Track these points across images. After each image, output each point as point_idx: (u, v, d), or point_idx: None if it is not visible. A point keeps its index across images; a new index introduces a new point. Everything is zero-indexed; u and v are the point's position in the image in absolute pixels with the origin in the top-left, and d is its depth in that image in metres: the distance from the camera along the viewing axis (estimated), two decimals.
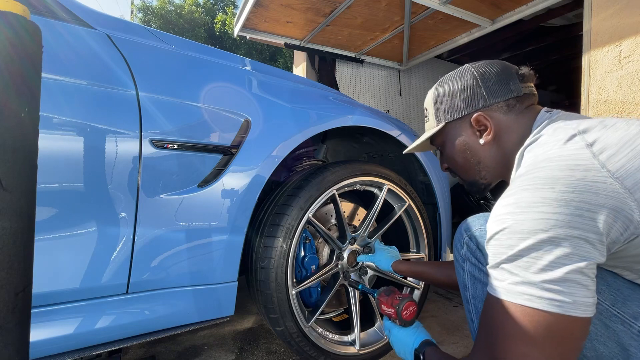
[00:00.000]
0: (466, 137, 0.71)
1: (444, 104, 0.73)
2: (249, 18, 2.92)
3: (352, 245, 1.20)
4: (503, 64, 0.70)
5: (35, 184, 0.44)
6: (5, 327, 0.39)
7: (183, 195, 0.85)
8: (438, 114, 0.74)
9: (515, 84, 0.67)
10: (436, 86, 0.76)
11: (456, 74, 0.73)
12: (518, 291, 0.46)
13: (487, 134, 0.67)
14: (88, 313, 0.75)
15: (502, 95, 0.66)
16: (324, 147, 1.45)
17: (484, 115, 0.67)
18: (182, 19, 13.12)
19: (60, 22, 0.77)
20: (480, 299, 0.68)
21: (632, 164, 0.45)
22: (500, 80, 0.67)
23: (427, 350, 0.72)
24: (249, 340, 1.37)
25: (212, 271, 0.90)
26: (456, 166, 0.76)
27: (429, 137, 0.77)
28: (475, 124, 0.68)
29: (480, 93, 0.67)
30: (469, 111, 0.69)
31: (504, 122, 0.66)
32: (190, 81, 0.91)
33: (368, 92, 3.81)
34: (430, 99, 0.77)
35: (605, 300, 0.53)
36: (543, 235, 0.45)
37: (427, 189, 1.47)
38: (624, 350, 0.50)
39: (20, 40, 0.42)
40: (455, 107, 0.71)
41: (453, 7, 2.59)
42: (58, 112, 0.70)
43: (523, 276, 0.46)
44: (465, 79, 0.70)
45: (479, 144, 0.69)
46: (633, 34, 1.56)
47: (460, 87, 0.70)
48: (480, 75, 0.68)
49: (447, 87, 0.73)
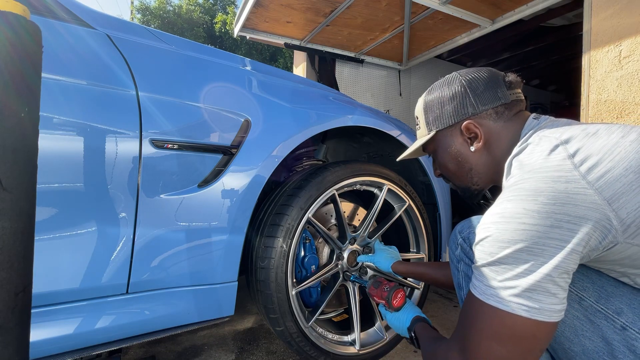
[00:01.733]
0: (457, 145, 0.72)
1: (434, 113, 0.74)
2: (249, 18, 2.92)
3: (352, 245, 1.20)
4: (490, 70, 0.71)
5: (35, 184, 0.44)
6: (5, 327, 0.39)
7: (183, 195, 0.85)
8: (429, 122, 0.75)
9: (503, 92, 0.68)
10: (426, 94, 0.78)
11: (444, 81, 0.74)
12: (491, 293, 0.51)
13: (478, 142, 0.69)
14: (88, 313, 0.75)
15: (490, 103, 0.67)
16: (324, 147, 1.45)
17: (474, 123, 0.68)
18: (181, 19, 13.12)
19: (60, 22, 0.77)
20: None
21: (612, 174, 0.46)
22: (488, 87, 0.68)
23: (417, 328, 0.81)
24: (249, 340, 1.37)
25: (212, 271, 0.90)
26: (448, 173, 0.77)
27: (420, 145, 0.78)
28: (466, 132, 0.69)
29: (469, 101, 0.69)
30: (459, 119, 0.70)
31: (493, 129, 0.68)
32: (190, 81, 0.91)
33: (368, 92, 3.81)
34: (421, 107, 0.78)
35: (589, 297, 0.56)
36: (521, 245, 0.48)
37: (427, 189, 1.47)
38: (608, 344, 0.52)
39: (20, 40, 0.42)
40: (445, 116, 0.72)
41: (453, 7, 2.59)
42: (58, 112, 0.70)
43: (497, 280, 0.50)
44: (453, 87, 0.71)
45: (470, 151, 0.70)
46: (633, 34, 1.56)
47: (449, 95, 0.71)
48: (468, 83, 0.69)
49: (437, 95, 0.74)
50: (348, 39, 3.33)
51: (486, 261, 0.52)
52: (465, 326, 0.55)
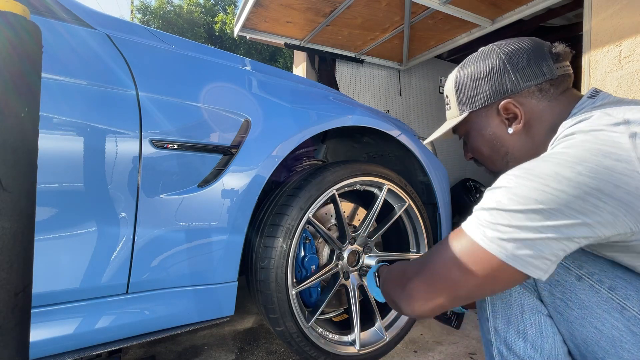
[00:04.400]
0: (493, 127, 0.64)
1: (467, 92, 0.66)
2: (249, 18, 2.92)
3: (352, 245, 1.20)
4: (533, 40, 0.62)
5: (35, 184, 0.44)
6: (5, 327, 0.39)
7: (183, 195, 0.85)
8: (461, 102, 0.67)
9: (549, 65, 0.59)
10: (457, 70, 0.69)
11: (480, 55, 0.66)
12: (479, 229, 0.49)
13: (517, 123, 0.61)
14: (88, 313, 0.75)
15: (534, 79, 0.59)
16: (324, 147, 1.45)
17: (513, 103, 0.60)
18: (181, 19, 13.12)
19: (60, 22, 0.77)
20: (498, 297, 0.65)
21: None
22: (531, 61, 0.60)
23: (379, 268, 0.83)
24: (249, 340, 1.37)
25: (212, 271, 0.90)
26: (482, 157, 0.70)
27: (450, 128, 0.71)
28: (504, 112, 0.62)
29: (509, 78, 0.60)
30: (496, 98, 0.62)
31: (535, 110, 0.60)
32: (190, 81, 0.91)
33: (368, 92, 3.81)
34: (452, 86, 0.70)
35: (633, 307, 0.51)
36: (533, 206, 0.45)
37: (427, 189, 1.47)
38: None
39: (20, 40, 0.41)
40: (480, 95, 0.64)
41: (453, 7, 2.59)
42: (58, 112, 0.70)
43: (491, 222, 0.48)
44: (490, 62, 0.62)
45: (507, 133, 0.63)
46: (633, 34, 1.56)
47: (485, 71, 0.63)
48: (508, 56, 0.61)
49: (470, 72, 0.65)
50: (348, 39, 3.33)
51: (490, 206, 0.49)
52: (433, 250, 0.56)
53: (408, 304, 0.57)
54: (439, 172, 1.45)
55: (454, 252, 0.51)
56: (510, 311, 0.63)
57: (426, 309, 0.55)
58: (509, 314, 0.63)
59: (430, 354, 1.28)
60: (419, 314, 0.57)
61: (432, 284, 0.54)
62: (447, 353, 1.28)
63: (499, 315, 0.65)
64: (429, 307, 0.55)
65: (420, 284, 0.56)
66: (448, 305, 0.53)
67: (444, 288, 0.52)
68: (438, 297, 0.53)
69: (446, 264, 0.52)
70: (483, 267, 0.48)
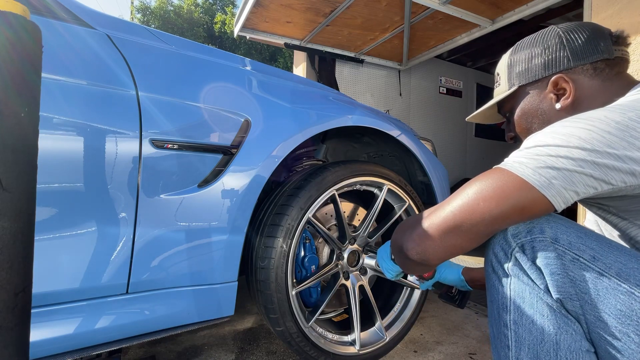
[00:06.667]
0: (540, 101, 0.63)
1: (520, 66, 0.65)
2: (248, 18, 2.92)
3: (352, 245, 1.20)
4: (594, 25, 0.61)
5: (35, 184, 0.44)
6: (5, 327, 0.39)
7: (183, 195, 0.85)
8: (511, 77, 0.67)
9: (607, 45, 0.58)
10: (513, 49, 0.69)
11: (538, 35, 0.65)
12: (515, 161, 0.48)
13: (566, 99, 0.59)
14: (88, 313, 0.75)
15: (590, 56, 0.58)
16: (324, 147, 1.45)
17: (565, 78, 0.59)
18: (181, 19, 13.12)
19: (60, 22, 0.77)
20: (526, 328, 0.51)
21: None
22: (589, 39, 0.58)
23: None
24: (249, 340, 1.37)
25: (212, 271, 0.90)
26: (526, 134, 0.68)
27: (497, 101, 0.70)
28: (553, 87, 0.61)
29: (564, 53, 0.59)
30: (548, 73, 0.61)
31: (587, 87, 0.58)
32: (190, 81, 0.91)
33: (368, 92, 3.82)
34: (505, 63, 0.69)
35: None
36: (577, 142, 0.45)
37: (427, 189, 1.47)
38: None
39: (20, 40, 0.41)
40: (533, 69, 0.63)
41: (453, 7, 2.59)
42: (58, 112, 0.70)
43: (529, 154, 0.47)
44: (547, 39, 0.62)
45: (555, 109, 0.61)
46: (633, 34, 1.56)
47: (542, 47, 0.62)
48: (566, 35, 0.60)
49: (527, 49, 0.65)
50: (348, 39, 3.33)
51: (530, 145, 0.48)
52: (466, 185, 0.52)
53: (418, 242, 0.53)
54: (439, 172, 1.45)
55: (481, 185, 0.49)
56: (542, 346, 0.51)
57: (438, 248, 0.51)
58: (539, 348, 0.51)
59: (430, 354, 1.28)
60: (429, 255, 0.52)
61: (450, 218, 0.50)
62: (447, 353, 1.29)
63: (524, 347, 0.52)
64: (442, 246, 0.51)
65: (437, 219, 0.51)
66: (465, 245, 0.50)
67: (465, 220, 0.49)
68: (455, 233, 0.49)
69: (470, 196, 0.49)
70: (514, 195, 0.46)
